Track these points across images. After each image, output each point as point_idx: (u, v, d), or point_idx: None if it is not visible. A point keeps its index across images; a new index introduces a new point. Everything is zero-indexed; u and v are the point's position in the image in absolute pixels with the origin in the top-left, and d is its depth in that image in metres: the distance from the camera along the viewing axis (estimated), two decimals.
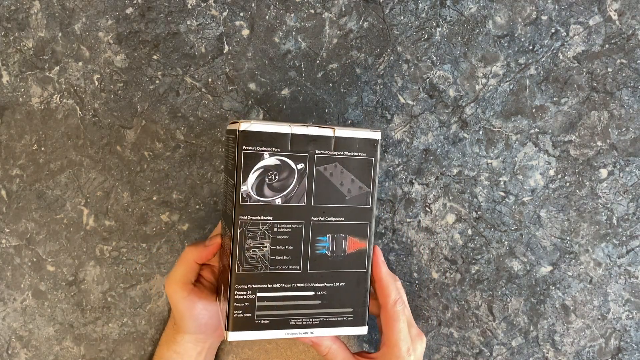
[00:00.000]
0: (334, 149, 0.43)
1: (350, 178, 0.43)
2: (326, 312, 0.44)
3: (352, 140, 0.43)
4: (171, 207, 0.57)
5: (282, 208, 0.43)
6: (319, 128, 0.42)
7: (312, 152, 0.43)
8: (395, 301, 0.46)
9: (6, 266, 0.58)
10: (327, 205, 0.43)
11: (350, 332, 0.44)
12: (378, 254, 0.47)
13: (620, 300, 0.54)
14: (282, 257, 0.43)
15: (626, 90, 0.53)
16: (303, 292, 0.44)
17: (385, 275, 0.46)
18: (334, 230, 0.44)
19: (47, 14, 0.56)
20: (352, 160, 0.43)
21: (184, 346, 0.50)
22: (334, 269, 0.44)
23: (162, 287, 0.57)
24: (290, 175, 0.42)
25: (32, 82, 0.57)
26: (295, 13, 0.55)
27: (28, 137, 0.57)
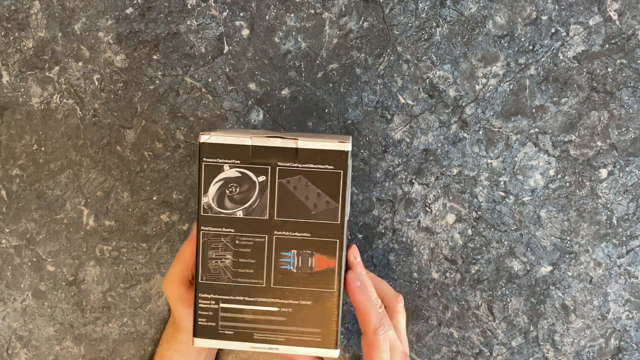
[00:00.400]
0: (298, 161, 0.41)
1: (316, 192, 0.41)
2: (291, 329, 0.42)
3: (317, 152, 0.40)
4: (171, 207, 0.57)
5: (244, 221, 0.42)
6: (281, 139, 0.41)
7: (274, 165, 0.41)
8: (375, 329, 0.43)
9: (6, 266, 0.58)
10: (291, 220, 0.42)
11: (318, 353, 0.42)
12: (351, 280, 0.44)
13: (620, 300, 0.54)
14: (244, 270, 0.42)
15: (626, 90, 0.53)
16: (267, 307, 0.42)
17: (362, 302, 0.43)
18: (299, 246, 0.42)
19: (47, 14, 0.56)
20: (318, 173, 0.41)
21: (185, 345, 0.50)
22: (299, 286, 0.42)
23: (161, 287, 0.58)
24: (252, 187, 0.41)
25: (32, 82, 0.57)
26: (295, 13, 0.55)
27: (28, 137, 0.57)
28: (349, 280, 0.43)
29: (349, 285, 0.43)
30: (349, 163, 0.41)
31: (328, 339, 0.42)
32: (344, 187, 0.41)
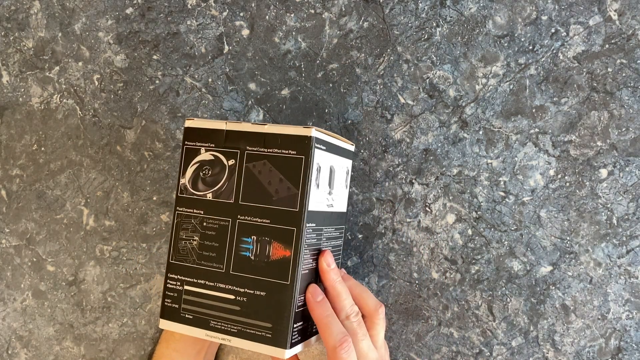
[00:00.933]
0: (264, 145, 0.41)
1: (278, 177, 0.40)
2: (244, 321, 0.41)
3: (282, 137, 0.40)
4: (171, 207, 0.57)
5: (212, 203, 0.42)
6: (251, 124, 0.41)
7: (243, 149, 0.41)
8: (334, 347, 0.39)
9: (6, 266, 0.58)
10: (253, 205, 0.41)
11: (267, 351, 0.40)
12: (310, 293, 0.41)
13: (620, 300, 0.54)
14: (208, 253, 0.42)
15: (626, 90, 0.53)
16: (224, 294, 0.41)
17: (320, 318, 0.40)
18: (258, 232, 0.41)
19: (47, 14, 0.56)
20: (281, 158, 0.40)
21: (184, 344, 0.50)
22: (255, 275, 0.40)
23: (161, 287, 0.57)
24: (222, 170, 0.42)
25: (32, 82, 0.57)
26: (295, 13, 0.55)
27: (28, 137, 0.57)
28: (308, 293, 0.41)
29: (307, 299, 0.41)
30: (312, 149, 0.40)
31: (279, 337, 0.40)
32: (305, 173, 0.40)
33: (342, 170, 0.46)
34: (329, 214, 0.44)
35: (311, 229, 0.41)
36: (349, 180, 0.49)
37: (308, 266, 0.41)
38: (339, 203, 0.46)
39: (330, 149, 0.43)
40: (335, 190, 0.45)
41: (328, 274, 0.42)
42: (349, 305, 0.42)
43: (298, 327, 0.41)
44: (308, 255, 0.41)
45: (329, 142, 0.43)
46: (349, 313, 0.42)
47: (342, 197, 0.47)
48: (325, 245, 0.44)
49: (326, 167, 0.42)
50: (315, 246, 0.42)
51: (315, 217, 0.41)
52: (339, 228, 0.47)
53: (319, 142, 0.40)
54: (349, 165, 0.49)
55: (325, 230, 0.43)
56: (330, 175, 0.44)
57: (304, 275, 0.41)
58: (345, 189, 0.48)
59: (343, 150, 0.46)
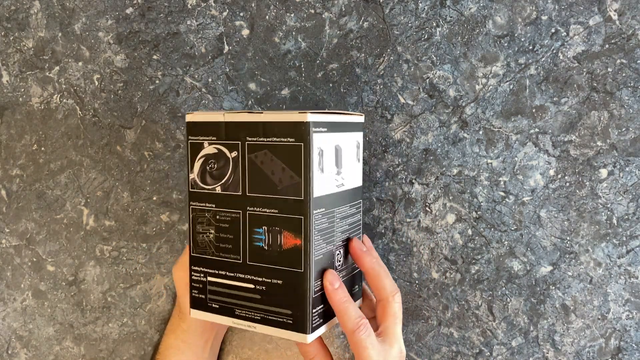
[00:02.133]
0: (263, 135, 0.40)
1: (281, 166, 0.40)
2: (266, 308, 0.41)
3: (280, 125, 0.39)
4: (171, 207, 0.57)
5: (222, 196, 0.42)
6: (248, 114, 0.41)
7: (244, 140, 0.41)
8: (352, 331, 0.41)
9: (6, 266, 0.58)
10: (260, 195, 0.41)
11: (290, 336, 0.41)
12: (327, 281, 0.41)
13: (620, 300, 0.54)
14: (224, 245, 0.43)
15: (626, 90, 0.53)
16: (244, 284, 0.42)
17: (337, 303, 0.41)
18: (269, 222, 0.41)
19: (47, 14, 0.56)
20: (281, 146, 0.40)
21: (191, 335, 0.50)
22: (271, 264, 0.41)
23: (161, 287, 0.57)
24: (227, 163, 0.42)
25: (32, 82, 0.57)
26: (295, 13, 0.55)
27: (28, 137, 0.57)
28: (325, 280, 0.42)
29: (325, 286, 0.42)
30: (310, 135, 0.39)
31: (299, 323, 0.40)
32: (307, 160, 0.39)
33: (351, 145, 0.44)
34: (340, 193, 0.43)
35: (320, 214, 0.41)
36: (361, 152, 0.47)
37: (322, 251, 0.41)
38: (352, 179, 0.45)
39: (333, 128, 0.42)
40: (345, 169, 0.43)
41: (363, 257, 0.43)
42: (390, 284, 0.43)
43: (318, 311, 0.42)
44: (321, 241, 0.41)
45: (330, 121, 0.41)
46: (393, 292, 0.42)
47: (354, 172, 0.45)
48: (340, 225, 0.43)
49: (330, 149, 0.41)
50: (328, 230, 0.42)
51: (323, 202, 0.41)
52: (355, 204, 0.46)
53: (317, 125, 0.39)
54: (359, 138, 0.46)
55: (338, 211, 0.43)
56: (337, 155, 0.42)
57: (318, 261, 0.41)
58: (357, 163, 0.46)
59: (350, 124, 0.44)
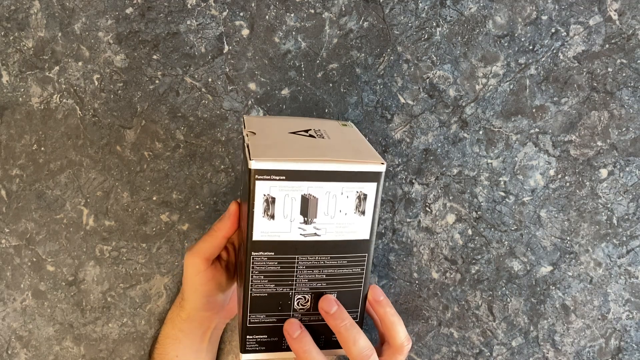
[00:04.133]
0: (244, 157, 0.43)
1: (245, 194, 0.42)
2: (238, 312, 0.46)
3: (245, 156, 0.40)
4: (171, 207, 0.57)
5: None
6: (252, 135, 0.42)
7: None
8: None
9: (6, 266, 0.58)
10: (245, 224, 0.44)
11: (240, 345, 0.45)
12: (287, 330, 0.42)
13: (620, 300, 0.54)
14: None
15: (626, 90, 0.53)
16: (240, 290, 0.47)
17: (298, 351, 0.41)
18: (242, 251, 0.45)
19: (47, 14, 0.56)
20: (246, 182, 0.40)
21: (189, 324, 0.50)
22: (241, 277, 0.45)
23: (161, 286, 0.57)
24: None
25: (32, 82, 0.57)
26: (295, 13, 0.55)
27: (28, 137, 0.57)
28: (285, 331, 0.43)
29: (285, 334, 0.43)
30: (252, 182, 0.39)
31: (239, 338, 0.44)
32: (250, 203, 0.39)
33: (342, 196, 0.41)
34: (308, 242, 0.42)
35: (266, 258, 0.41)
36: (369, 205, 0.42)
37: (267, 290, 0.43)
38: (337, 231, 0.42)
39: (298, 177, 0.39)
40: (322, 219, 0.41)
41: (328, 320, 0.42)
42: (359, 349, 0.41)
43: (258, 339, 0.44)
44: (265, 281, 0.42)
45: (294, 170, 0.39)
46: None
47: (347, 225, 0.42)
48: (305, 272, 0.43)
49: (292, 197, 0.40)
50: (279, 273, 0.42)
51: (270, 247, 0.41)
52: (346, 257, 0.43)
53: (264, 173, 0.38)
54: (367, 189, 0.41)
55: (302, 259, 0.42)
56: (304, 204, 0.40)
57: (259, 298, 0.43)
58: (358, 216, 0.42)
59: (343, 174, 0.40)
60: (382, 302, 0.44)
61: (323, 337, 0.45)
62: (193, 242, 0.57)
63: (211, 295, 0.49)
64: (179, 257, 0.57)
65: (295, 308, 0.44)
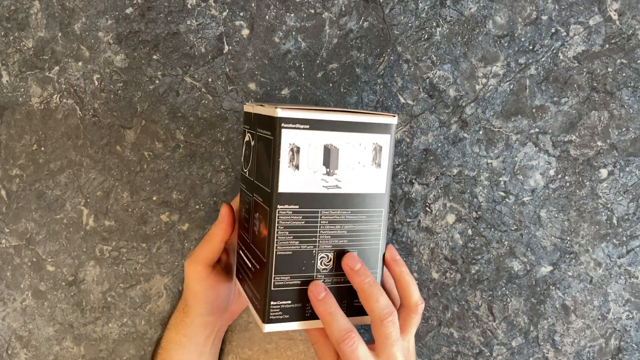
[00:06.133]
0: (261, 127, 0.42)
1: (264, 157, 0.41)
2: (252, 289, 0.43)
3: (262, 118, 0.41)
4: (171, 207, 0.57)
5: (248, 180, 0.45)
6: (260, 106, 0.42)
7: (256, 130, 0.43)
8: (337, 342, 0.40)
9: (6, 266, 0.58)
10: (257, 183, 0.43)
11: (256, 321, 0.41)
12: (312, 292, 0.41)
13: (620, 300, 0.54)
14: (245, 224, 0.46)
15: (626, 90, 0.53)
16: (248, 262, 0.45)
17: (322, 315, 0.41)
18: (258, 210, 0.42)
19: (47, 14, 0.56)
20: (264, 138, 0.41)
21: (194, 329, 0.50)
22: (256, 249, 0.43)
23: (161, 286, 0.57)
24: (251, 151, 0.45)
25: (32, 82, 0.57)
26: (295, 13, 0.55)
27: (28, 137, 0.57)
28: (309, 291, 0.41)
29: (309, 297, 0.42)
30: (279, 130, 0.39)
31: (261, 310, 0.42)
32: (275, 154, 0.39)
33: (360, 147, 0.43)
34: (331, 195, 0.42)
35: (291, 211, 0.41)
36: (384, 157, 0.43)
37: (292, 248, 0.41)
38: (356, 184, 0.43)
39: (320, 127, 0.41)
40: (343, 170, 0.42)
41: (352, 276, 0.42)
42: (382, 306, 0.41)
43: (282, 305, 0.42)
44: (290, 237, 0.41)
45: (316, 119, 0.40)
46: (384, 317, 0.41)
47: (364, 177, 0.43)
48: (327, 228, 0.42)
49: (315, 147, 0.41)
50: (304, 228, 0.41)
51: (295, 199, 0.41)
52: (365, 211, 0.44)
53: (290, 121, 0.39)
54: (382, 140, 0.43)
55: (325, 213, 0.42)
56: (327, 154, 0.41)
57: (283, 256, 0.41)
58: (375, 168, 0.43)
59: (359, 125, 0.42)
60: (398, 262, 0.44)
61: (345, 302, 0.44)
62: (193, 242, 0.57)
63: (214, 300, 0.49)
64: (179, 257, 0.57)
65: (318, 268, 0.43)
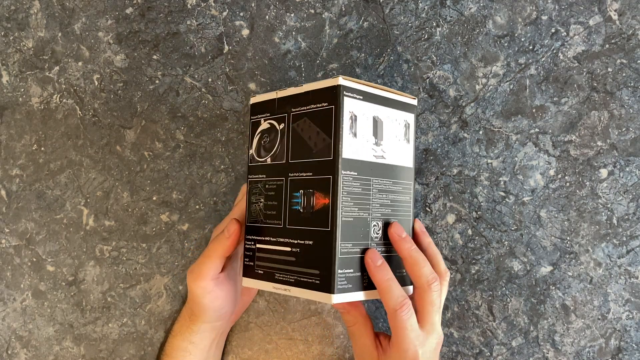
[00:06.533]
0: (304, 104, 0.43)
1: (316, 131, 0.42)
2: (299, 270, 0.43)
3: (316, 92, 0.42)
4: (171, 207, 0.57)
5: (271, 166, 0.45)
6: (294, 87, 0.44)
7: (289, 111, 0.44)
8: (394, 310, 0.41)
9: (6, 266, 0.58)
10: (299, 161, 0.43)
11: (317, 297, 0.41)
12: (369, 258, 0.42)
13: (620, 300, 0.54)
14: (270, 212, 0.45)
15: (626, 90, 0.53)
16: (283, 247, 0.44)
17: (380, 281, 0.42)
18: (304, 185, 0.43)
19: (47, 14, 0.56)
20: (317, 112, 0.42)
21: (200, 335, 0.50)
22: (304, 226, 0.43)
23: (161, 287, 0.57)
24: (276, 135, 0.45)
25: (32, 82, 0.57)
26: (295, 13, 0.55)
27: (28, 137, 0.57)
28: (367, 258, 0.42)
29: (366, 264, 0.42)
30: (341, 98, 0.41)
31: (325, 282, 0.41)
32: (337, 121, 0.41)
33: (395, 122, 0.46)
34: (379, 165, 0.44)
35: (351, 177, 0.42)
36: (412, 134, 0.47)
37: (352, 214, 0.42)
38: (396, 156, 0.46)
39: (370, 99, 0.43)
40: (386, 142, 0.45)
41: (401, 244, 0.44)
42: (428, 272, 0.43)
43: (347, 274, 0.42)
44: (351, 203, 0.42)
45: (367, 91, 0.43)
46: (431, 281, 0.43)
47: (401, 151, 0.46)
48: (378, 197, 0.44)
49: (366, 117, 0.43)
50: (361, 195, 0.43)
51: (354, 166, 0.42)
52: (400, 183, 0.46)
53: (349, 90, 0.42)
54: (410, 119, 0.47)
55: (375, 182, 0.44)
56: (375, 125, 0.44)
57: (347, 222, 0.42)
58: (407, 143, 0.47)
59: (396, 102, 0.46)
60: (425, 233, 0.48)
61: None
62: (193, 242, 0.57)
63: (221, 308, 0.48)
64: (179, 257, 0.57)
65: (372, 236, 0.44)
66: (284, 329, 0.57)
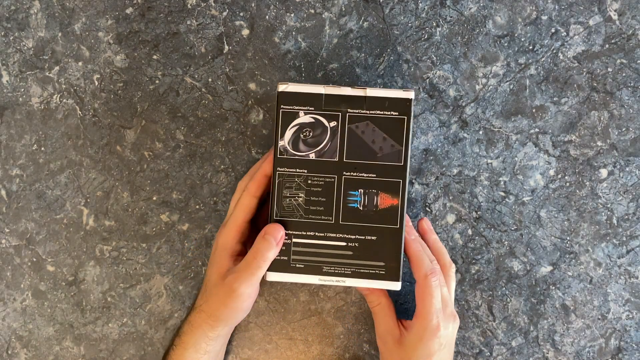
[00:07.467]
0: (366, 108, 0.46)
1: (382, 136, 0.46)
2: (358, 263, 0.47)
3: (384, 100, 0.46)
4: (171, 207, 0.57)
5: (316, 162, 0.47)
6: (351, 88, 0.46)
7: (345, 111, 0.46)
8: (425, 275, 0.46)
9: (6, 266, 0.58)
10: (358, 162, 0.46)
11: (382, 285, 0.46)
12: (410, 228, 0.48)
13: (620, 300, 0.54)
14: (315, 207, 0.47)
15: (626, 90, 0.53)
16: (335, 242, 0.47)
17: (414, 251, 0.47)
18: (365, 185, 0.46)
19: (47, 14, 0.56)
20: (384, 119, 0.46)
21: (216, 341, 0.49)
22: (365, 223, 0.46)
23: (161, 286, 0.57)
24: (324, 132, 0.46)
25: (32, 82, 0.57)
26: (295, 13, 0.55)
27: (28, 137, 0.57)
28: (405, 234, 0.47)
29: (405, 237, 0.46)
30: (412, 110, 0.46)
31: (392, 272, 0.46)
32: (407, 131, 0.46)
33: None
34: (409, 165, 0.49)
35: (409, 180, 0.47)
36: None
37: None
38: None
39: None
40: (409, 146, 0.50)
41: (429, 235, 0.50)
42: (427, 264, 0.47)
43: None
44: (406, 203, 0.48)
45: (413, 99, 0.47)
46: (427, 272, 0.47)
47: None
48: None
49: None
50: None
51: None
52: None
53: (413, 102, 0.46)
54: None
55: None
56: None
57: None
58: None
59: None
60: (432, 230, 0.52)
61: None
62: (193, 242, 0.57)
63: (250, 307, 0.48)
64: (179, 257, 0.57)
65: None
66: (284, 329, 0.57)
